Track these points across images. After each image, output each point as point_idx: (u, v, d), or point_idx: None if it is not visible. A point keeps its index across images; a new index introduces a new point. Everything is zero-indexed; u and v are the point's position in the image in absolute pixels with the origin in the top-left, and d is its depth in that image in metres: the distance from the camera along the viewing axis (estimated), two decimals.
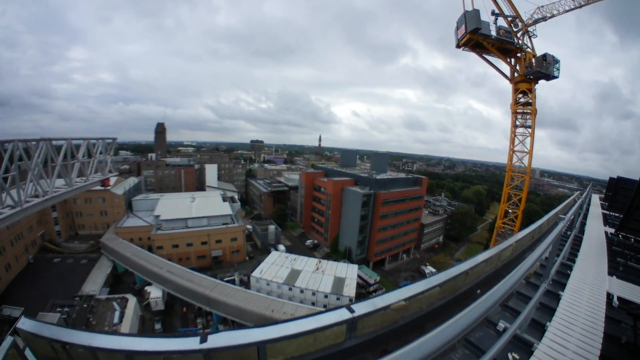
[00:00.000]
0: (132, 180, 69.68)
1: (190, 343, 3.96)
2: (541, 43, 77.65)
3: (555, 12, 38.34)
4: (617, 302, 5.57)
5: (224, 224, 53.51)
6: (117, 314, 31.07)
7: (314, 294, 38.17)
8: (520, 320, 4.11)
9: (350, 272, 42.83)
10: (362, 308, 4.08)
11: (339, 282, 39.99)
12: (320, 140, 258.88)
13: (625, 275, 7.21)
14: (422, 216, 72.81)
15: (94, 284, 37.97)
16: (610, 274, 6.85)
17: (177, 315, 38.87)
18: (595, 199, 20.61)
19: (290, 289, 39.21)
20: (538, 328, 4.36)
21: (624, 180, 13.73)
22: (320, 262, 45.89)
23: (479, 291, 5.82)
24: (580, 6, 36.89)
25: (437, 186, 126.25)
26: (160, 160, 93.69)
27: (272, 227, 64.57)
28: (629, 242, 9.46)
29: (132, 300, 34.09)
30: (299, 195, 75.41)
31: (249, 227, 67.82)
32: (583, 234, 9.76)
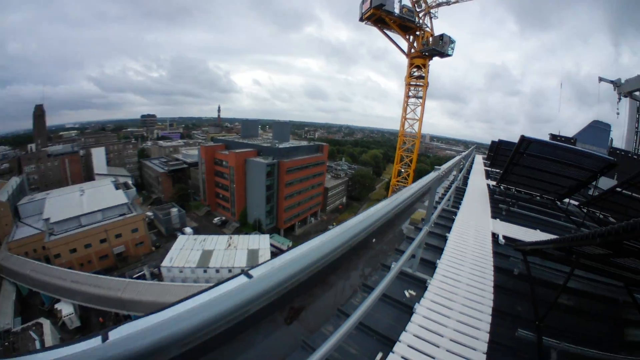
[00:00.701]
0: (14, 182, 56.62)
1: (92, 343, 3.47)
2: (441, 24, 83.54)
3: None
4: (503, 240, 6.32)
5: (121, 215, 47.76)
6: (37, 343, 26.90)
7: (230, 271, 37.50)
8: (408, 259, 4.42)
9: (263, 243, 43.06)
10: (259, 271, 3.97)
11: (253, 255, 39.98)
12: (219, 111, 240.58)
13: (508, 218, 8.27)
14: (326, 180, 76.32)
15: (5, 315, 31.82)
16: (494, 217, 7.71)
17: (97, 327, 34.48)
18: (479, 158, 23.45)
19: (205, 271, 37.90)
20: (430, 266, 4.70)
21: (504, 142, 15.58)
22: (231, 238, 44.79)
23: (374, 240, 6.24)
24: None
25: (338, 152, 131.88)
26: (41, 150, 77.74)
27: (174, 210, 60.57)
28: (510, 192, 10.90)
29: (46, 325, 29.56)
30: (200, 172, 71.11)
31: (150, 214, 61.76)
32: (467, 186, 10.93)
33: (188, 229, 57.15)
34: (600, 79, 22.93)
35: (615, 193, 8.43)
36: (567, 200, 10.51)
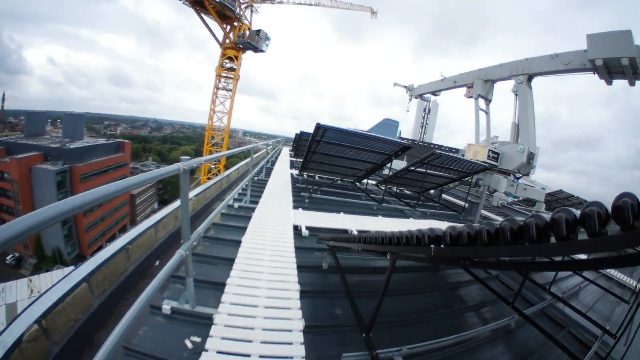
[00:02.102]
0: None
1: None
2: (262, 19, 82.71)
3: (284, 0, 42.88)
4: (307, 232, 5.58)
5: None
6: None
7: None
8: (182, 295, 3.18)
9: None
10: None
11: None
12: (3, 100, 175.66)
13: (312, 206, 7.78)
14: None
15: None
16: (296, 207, 7.03)
17: None
18: (286, 150, 24.11)
19: None
20: (218, 289, 3.36)
21: (305, 133, 16.08)
22: (31, 281, 32.52)
23: (157, 263, 4.74)
24: (309, 4, 43.32)
25: (144, 150, 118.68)
26: None
27: None
28: (311, 179, 10.77)
29: None
30: None
31: None
32: (269, 177, 10.35)
33: None
34: (395, 84, 26.40)
35: (409, 171, 9.56)
36: (365, 180, 11.42)
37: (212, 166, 45.46)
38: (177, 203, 5.97)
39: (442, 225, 7.82)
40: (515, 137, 11.52)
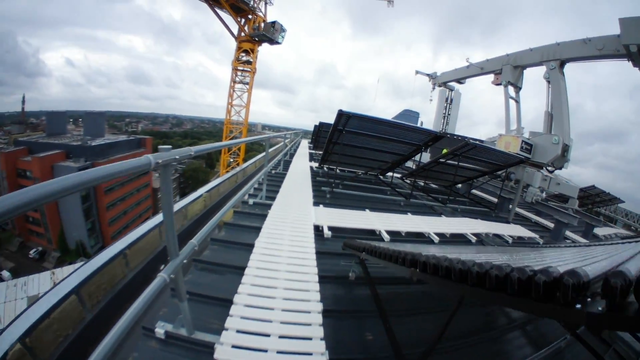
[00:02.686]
0: None
1: None
2: (276, 12, 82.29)
3: None
4: (330, 233, 4.92)
5: None
6: None
7: None
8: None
9: None
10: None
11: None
12: (24, 102, 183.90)
13: (334, 202, 7.11)
14: (153, 180, 66.83)
15: None
16: (316, 204, 6.35)
17: None
18: (304, 142, 23.59)
19: None
20: (223, 307, 2.81)
21: (324, 124, 15.43)
22: (54, 274, 33.50)
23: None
24: None
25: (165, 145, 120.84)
26: None
27: None
28: (332, 172, 10.10)
29: None
30: (3, 191, 51.31)
31: None
32: (287, 171, 9.68)
33: (5, 273, 39.77)
34: (417, 72, 25.23)
35: (439, 163, 8.80)
36: (390, 174, 10.69)
37: (231, 160, 45.40)
38: (180, 202, 5.39)
39: (482, 225, 7.02)
40: (549, 128, 10.64)
